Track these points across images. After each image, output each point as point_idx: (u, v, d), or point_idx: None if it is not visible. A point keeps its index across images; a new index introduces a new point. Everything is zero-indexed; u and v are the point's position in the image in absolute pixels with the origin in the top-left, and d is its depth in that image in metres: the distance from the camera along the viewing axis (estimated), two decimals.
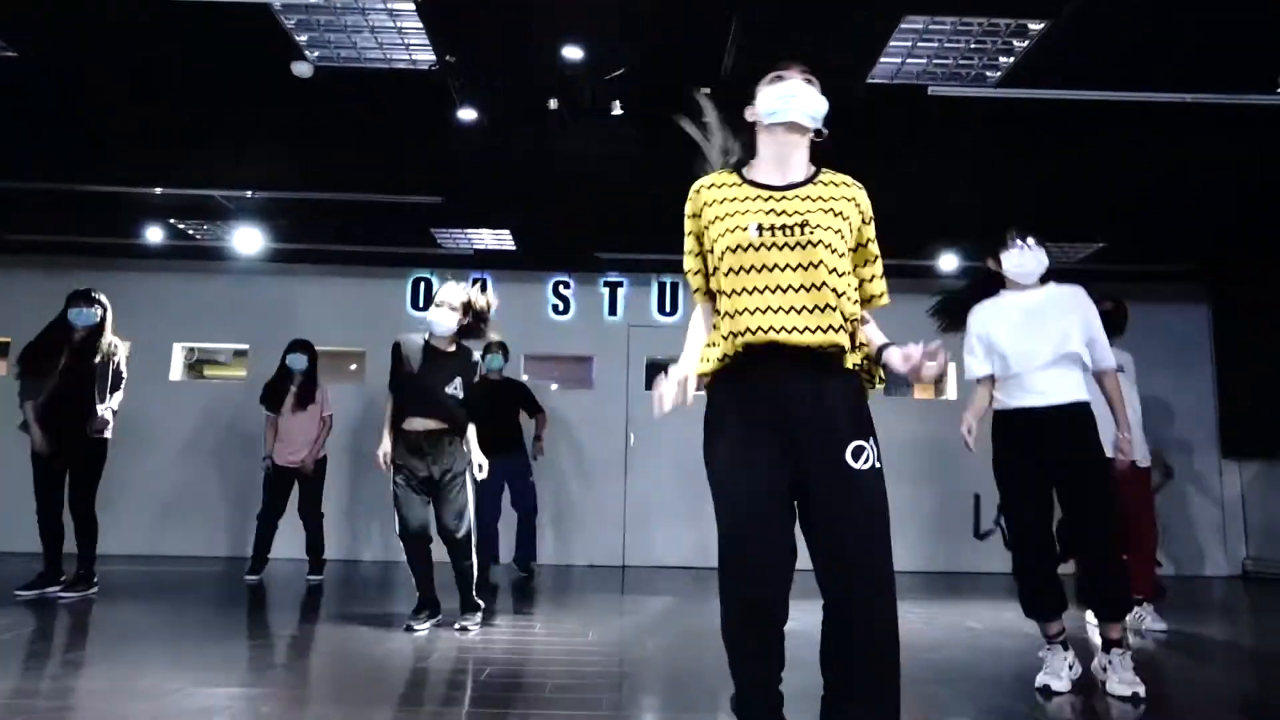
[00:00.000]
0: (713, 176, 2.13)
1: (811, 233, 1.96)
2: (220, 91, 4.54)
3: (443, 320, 4.13)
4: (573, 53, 3.94)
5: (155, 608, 4.73)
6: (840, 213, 2.02)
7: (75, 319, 4.96)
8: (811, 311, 1.95)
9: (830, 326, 1.95)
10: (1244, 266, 7.43)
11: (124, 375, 5.15)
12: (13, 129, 5.09)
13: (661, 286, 7.95)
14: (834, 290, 1.96)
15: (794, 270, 1.96)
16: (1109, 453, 3.36)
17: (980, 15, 3.67)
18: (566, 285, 7.98)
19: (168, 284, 7.68)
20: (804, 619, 2.05)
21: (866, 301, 2.14)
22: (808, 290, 1.95)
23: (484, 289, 4.46)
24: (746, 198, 2.04)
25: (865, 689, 1.89)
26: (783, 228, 1.97)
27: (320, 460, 6.21)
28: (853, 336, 2.04)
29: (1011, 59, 4.05)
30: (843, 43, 3.90)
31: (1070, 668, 3.18)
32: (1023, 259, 3.28)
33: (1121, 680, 3.06)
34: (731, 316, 1.99)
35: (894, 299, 2.23)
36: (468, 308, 4.17)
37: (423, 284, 7.91)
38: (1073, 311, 3.26)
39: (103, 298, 5.13)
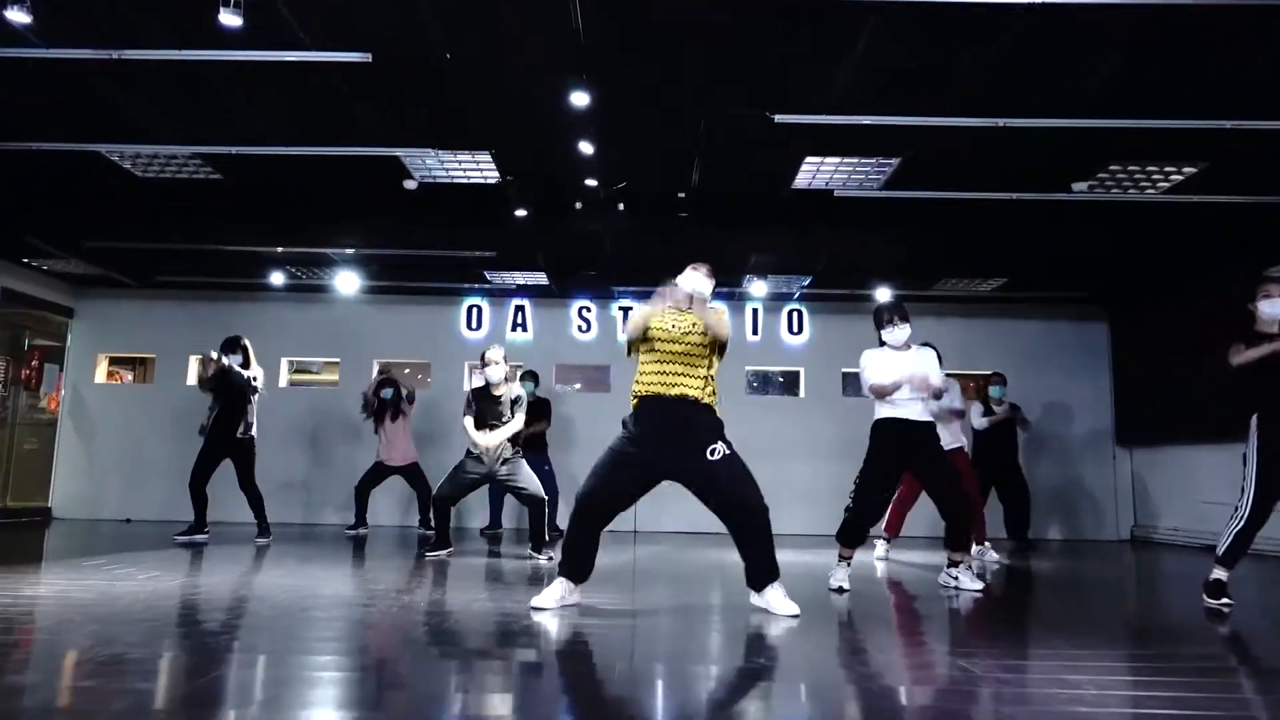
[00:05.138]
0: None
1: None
2: (348, 194, 6.63)
3: (495, 374, 6.12)
4: (591, 180, 5.99)
5: (308, 545, 6.86)
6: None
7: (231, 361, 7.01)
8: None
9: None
10: (1135, 293, 9.32)
11: (258, 390, 7.15)
12: (184, 215, 7.23)
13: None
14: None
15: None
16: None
17: (853, 157, 5.66)
18: (589, 309, 10.02)
19: (278, 312, 9.83)
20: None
21: None
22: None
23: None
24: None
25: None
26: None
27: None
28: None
29: (885, 175, 6.01)
30: (770, 164, 5.91)
31: (849, 577, 4.92)
32: (897, 334, 4.87)
33: (971, 580, 4.92)
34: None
35: (839, 320, 4.13)
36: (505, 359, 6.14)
37: (474, 310, 9.98)
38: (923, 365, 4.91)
39: (246, 342, 7.16)
